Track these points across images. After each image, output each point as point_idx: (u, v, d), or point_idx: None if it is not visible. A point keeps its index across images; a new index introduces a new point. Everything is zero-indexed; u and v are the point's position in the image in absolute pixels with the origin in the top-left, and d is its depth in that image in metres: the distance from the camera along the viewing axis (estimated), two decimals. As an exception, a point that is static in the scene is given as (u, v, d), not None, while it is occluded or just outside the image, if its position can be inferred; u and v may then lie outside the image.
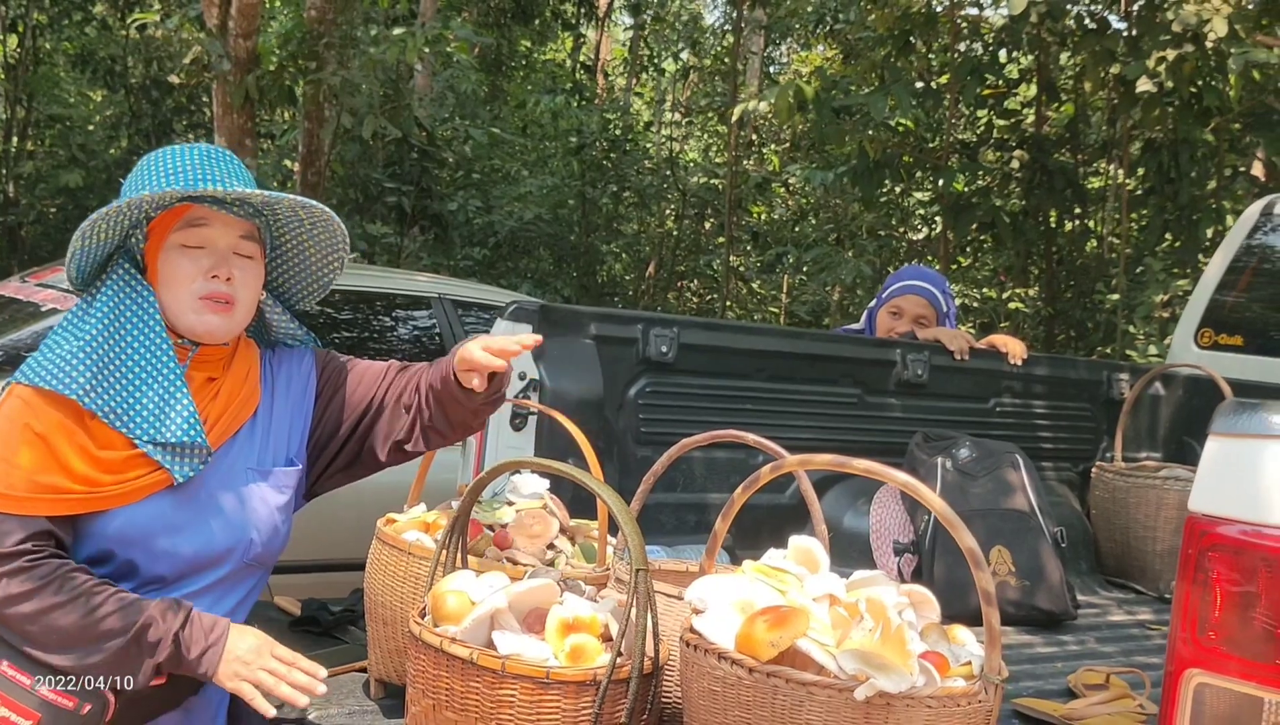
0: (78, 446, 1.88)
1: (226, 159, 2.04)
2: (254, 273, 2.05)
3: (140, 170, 2.01)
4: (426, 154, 10.70)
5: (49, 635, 1.85)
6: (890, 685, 1.48)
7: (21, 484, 1.85)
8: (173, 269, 1.99)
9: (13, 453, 1.86)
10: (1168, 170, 7.67)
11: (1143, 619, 3.37)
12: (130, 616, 1.86)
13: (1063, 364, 4.11)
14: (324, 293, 2.25)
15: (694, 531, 3.21)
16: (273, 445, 2.14)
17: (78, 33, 13.36)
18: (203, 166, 1.99)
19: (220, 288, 1.99)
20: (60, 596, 1.83)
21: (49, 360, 1.91)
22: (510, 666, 1.61)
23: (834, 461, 1.65)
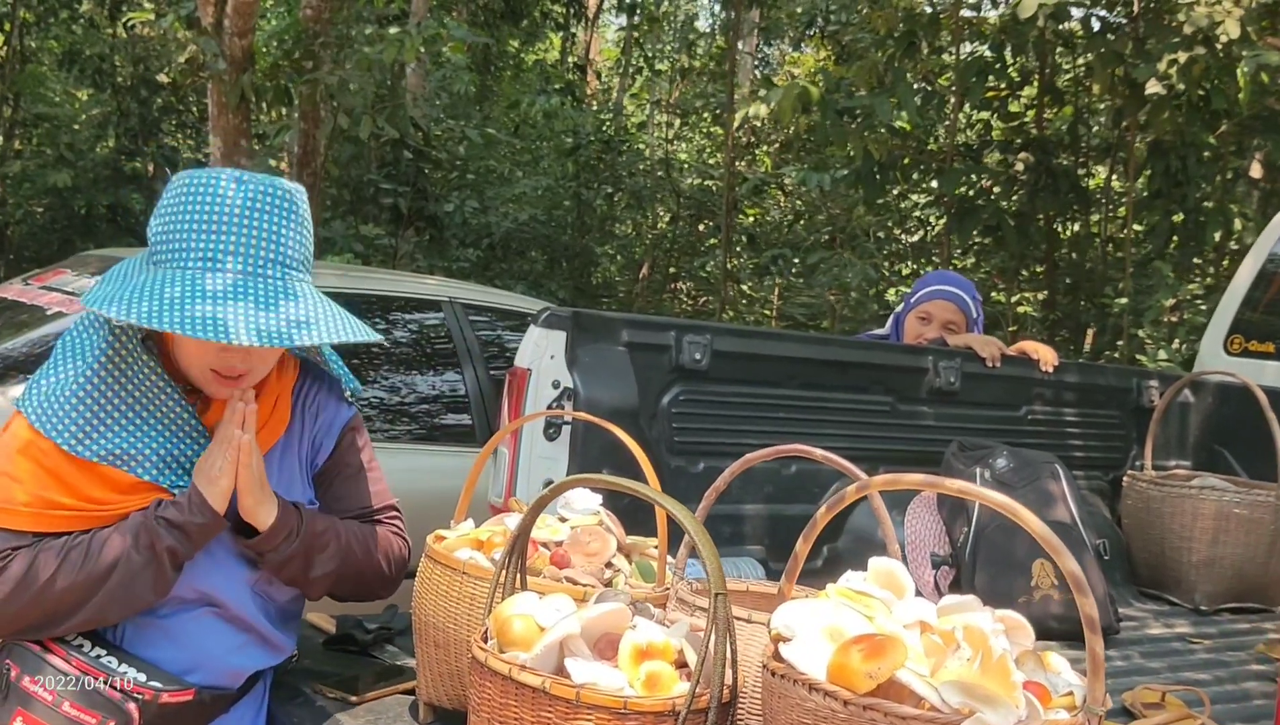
0: (83, 467, 1.85)
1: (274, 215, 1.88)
2: (274, 350, 1.96)
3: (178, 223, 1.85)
4: (421, 155, 10.61)
5: (60, 604, 1.84)
6: (997, 719, 1.40)
7: (20, 500, 1.83)
8: (187, 344, 1.90)
9: (15, 468, 1.85)
10: (1175, 173, 7.63)
11: (1182, 632, 3.31)
12: (118, 541, 1.85)
13: (1092, 371, 4.05)
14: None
15: (729, 543, 3.15)
16: (288, 478, 2.07)
17: (64, 31, 13.23)
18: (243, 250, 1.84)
19: (234, 364, 1.91)
20: (51, 565, 1.82)
21: (46, 394, 1.87)
22: (585, 696, 1.53)
23: (925, 481, 1.56)
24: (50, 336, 4.01)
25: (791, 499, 3.21)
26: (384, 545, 2.13)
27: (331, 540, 2.01)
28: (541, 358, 2.82)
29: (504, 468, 2.86)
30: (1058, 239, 9.67)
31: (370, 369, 4.62)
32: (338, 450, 2.16)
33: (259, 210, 1.85)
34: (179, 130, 13.81)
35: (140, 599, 1.87)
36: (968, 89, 8.45)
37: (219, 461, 1.88)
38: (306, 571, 1.99)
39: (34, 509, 1.83)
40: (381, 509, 2.20)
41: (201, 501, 1.86)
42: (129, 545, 1.84)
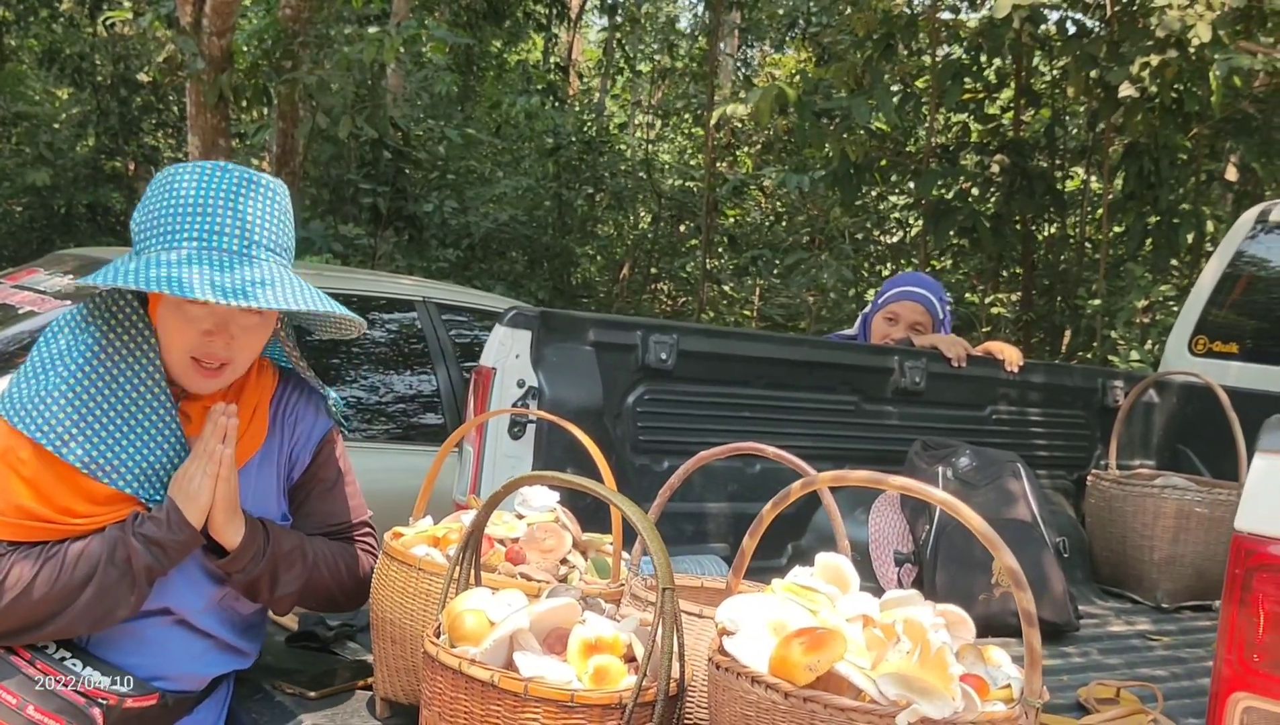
0: (61, 477, 1.84)
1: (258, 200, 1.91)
2: (260, 330, 1.96)
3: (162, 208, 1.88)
4: (401, 154, 10.62)
5: (33, 614, 1.84)
6: (934, 711, 1.43)
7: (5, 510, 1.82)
8: (170, 325, 1.91)
9: None
10: (1148, 175, 7.69)
11: (1142, 629, 3.34)
12: (94, 554, 1.85)
13: (1057, 371, 4.09)
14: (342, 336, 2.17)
15: (691, 541, 3.17)
16: (265, 491, 2.07)
17: (44, 30, 13.20)
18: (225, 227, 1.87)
19: (216, 351, 1.91)
20: (26, 575, 1.82)
21: (32, 399, 1.85)
22: (533, 689, 1.55)
23: (870, 478, 1.59)
24: (24, 334, 4.01)
25: (756, 497, 3.23)
26: (352, 564, 2.13)
27: (298, 559, 2.02)
28: (507, 357, 2.84)
29: (469, 466, 2.88)
30: (1034, 241, 9.72)
31: (346, 368, 4.63)
32: (314, 464, 2.16)
33: (218, 194, 1.87)
34: (159, 129, 13.78)
35: (113, 613, 1.87)
36: (944, 91, 8.50)
37: (198, 477, 1.87)
38: (272, 589, 2.00)
39: (8, 518, 1.82)
40: (355, 525, 2.20)
41: (180, 519, 1.86)
42: (105, 559, 1.84)
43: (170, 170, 1.92)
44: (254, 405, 2.04)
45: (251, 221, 1.89)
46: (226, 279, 1.81)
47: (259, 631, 2.15)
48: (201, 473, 1.87)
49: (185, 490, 1.87)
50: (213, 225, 1.85)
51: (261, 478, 2.06)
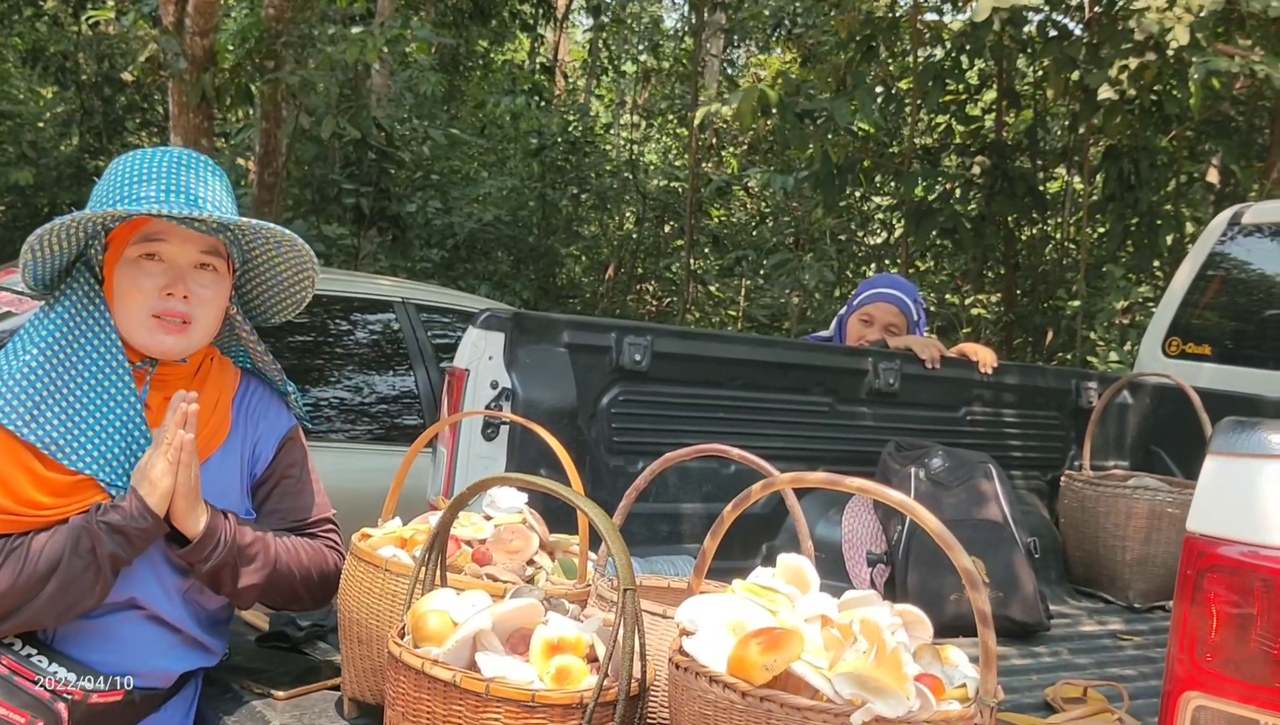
0: (23, 467, 1.84)
1: (199, 168, 1.97)
2: (216, 289, 1.99)
3: (106, 177, 1.95)
4: (385, 155, 10.61)
5: (16, 599, 1.84)
6: (887, 710, 1.45)
7: None
8: (128, 283, 1.93)
9: None
10: (1128, 177, 7.73)
11: (1114, 629, 3.37)
12: (58, 544, 1.86)
13: (1032, 372, 4.11)
14: (298, 309, 2.20)
15: (666, 542, 3.18)
16: (226, 486, 2.09)
17: (28, 28, 13.15)
18: (168, 178, 1.92)
19: (175, 306, 1.94)
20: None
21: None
22: (495, 689, 1.57)
23: (827, 479, 1.61)
24: (3, 333, 4.01)
25: (730, 498, 3.23)
26: (316, 559, 2.14)
27: (259, 552, 2.03)
28: (480, 358, 2.85)
29: (442, 467, 2.89)
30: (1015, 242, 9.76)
31: (325, 369, 4.64)
32: (276, 460, 2.18)
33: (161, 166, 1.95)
34: (143, 129, 13.75)
35: (79, 604, 1.87)
36: (926, 93, 8.52)
37: (159, 463, 1.89)
38: (234, 581, 2.00)
39: None
40: (318, 521, 2.22)
41: (143, 507, 1.88)
42: (69, 549, 1.85)
43: (118, 159, 1.99)
44: (215, 400, 2.06)
45: (195, 187, 1.95)
46: (174, 201, 1.90)
47: (225, 628, 2.17)
48: (163, 459, 1.89)
49: (147, 477, 1.89)
50: (160, 188, 1.92)
51: (224, 473, 2.08)
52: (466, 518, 2.15)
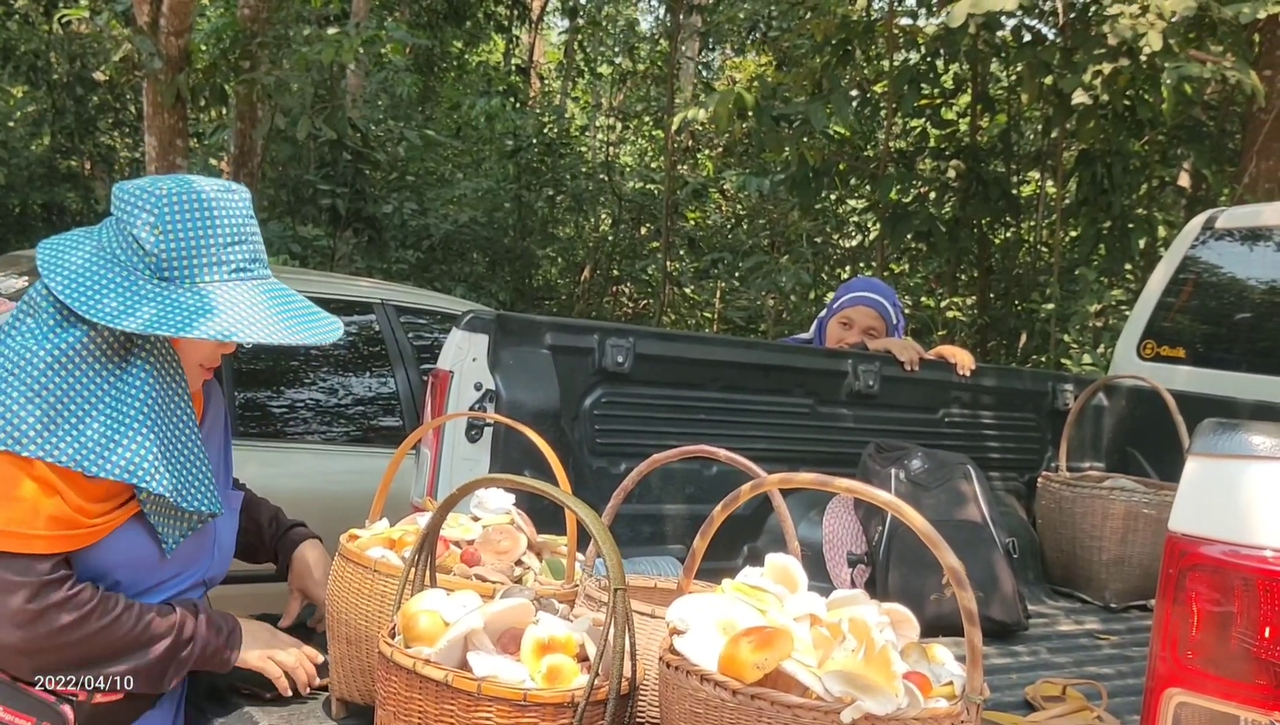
0: (72, 482, 1.83)
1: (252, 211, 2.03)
2: None
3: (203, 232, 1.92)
4: (360, 155, 10.59)
5: (103, 652, 1.88)
6: (876, 707, 1.47)
7: (38, 523, 1.81)
8: (194, 346, 1.99)
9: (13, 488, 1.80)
10: (1101, 181, 7.79)
11: (1091, 628, 3.40)
12: (167, 620, 1.94)
13: (1009, 375, 4.15)
14: None
15: (649, 542, 3.20)
16: (221, 466, 2.14)
17: (-1, 27, 13.08)
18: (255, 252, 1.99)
19: (218, 360, 2.07)
20: (107, 617, 1.86)
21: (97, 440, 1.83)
22: (486, 689, 1.58)
23: (816, 480, 1.63)
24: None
25: (712, 499, 3.22)
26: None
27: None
28: (464, 360, 2.86)
29: (426, 468, 2.90)
30: (989, 245, 9.82)
31: (305, 371, 4.64)
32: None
33: (244, 216, 1.99)
34: (115, 129, 13.68)
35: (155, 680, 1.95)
36: (901, 97, 8.57)
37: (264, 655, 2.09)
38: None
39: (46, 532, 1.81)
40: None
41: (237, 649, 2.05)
42: (174, 632, 1.94)
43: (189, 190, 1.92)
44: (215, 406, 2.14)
45: (258, 239, 2.02)
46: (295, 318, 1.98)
47: None
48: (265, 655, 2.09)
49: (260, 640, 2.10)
50: (250, 253, 1.98)
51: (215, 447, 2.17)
52: (454, 519, 2.16)
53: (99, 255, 1.90)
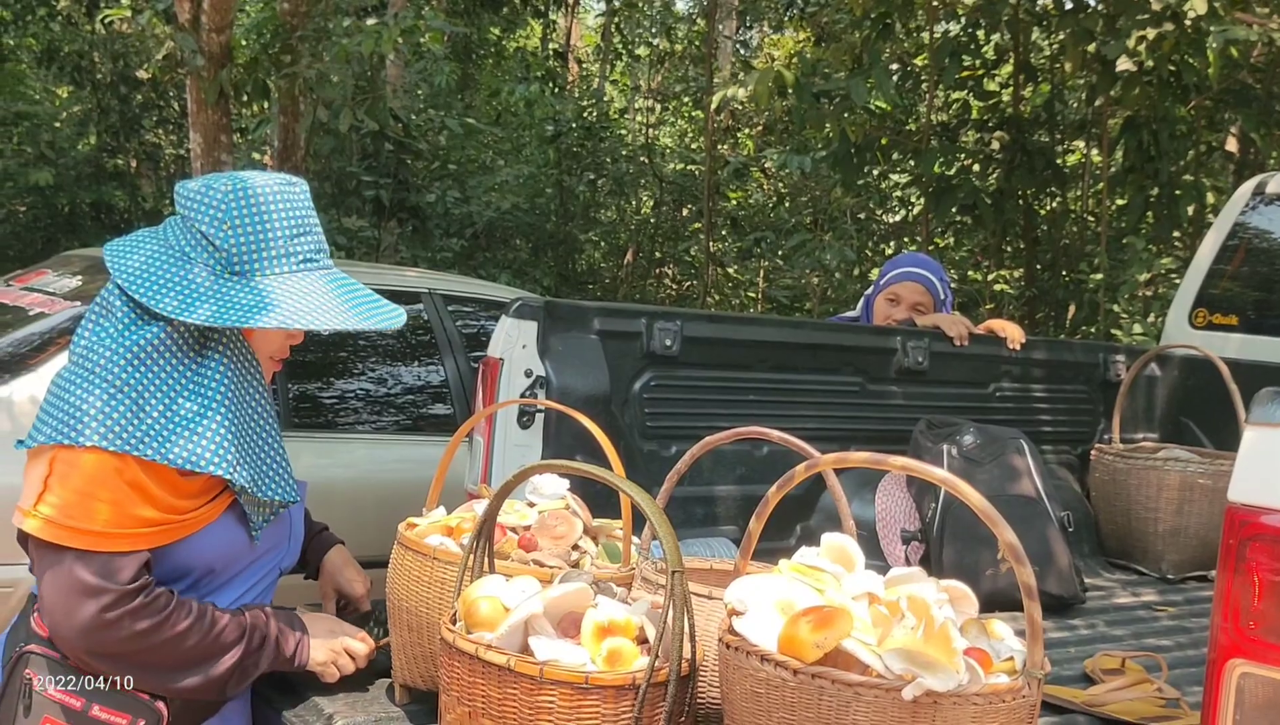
0: (160, 478, 1.87)
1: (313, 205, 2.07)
2: None
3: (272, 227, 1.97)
4: (402, 146, 10.63)
5: (174, 661, 1.90)
6: (938, 684, 1.47)
7: (121, 522, 1.83)
8: (264, 335, 2.04)
9: (104, 489, 1.83)
10: (1147, 148, 7.69)
11: (1148, 600, 3.38)
12: (239, 627, 1.96)
13: (1060, 347, 4.12)
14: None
15: (702, 524, 3.21)
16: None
17: (42, 29, 13.20)
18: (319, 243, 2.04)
19: (289, 351, 2.12)
20: (182, 624, 1.88)
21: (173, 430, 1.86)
22: (548, 672, 1.60)
23: (870, 459, 1.63)
24: (34, 336, 4.05)
25: (764, 479, 3.27)
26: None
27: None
28: (514, 347, 2.88)
29: (479, 455, 2.92)
30: (1035, 216, 9.72)
31: (355, 361, 4.68)
32: None
33: (305, 209, 2.03)
34: (159, 126, 13.79)
35: (218, 689, 1.97)
36: (942, 70, 8.50)
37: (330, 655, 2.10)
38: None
39: (131, 530, 1.84)
40: None
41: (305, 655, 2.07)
42: (243, 641, 1.96)
43: (249, 186, 1.96)
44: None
45: (319, 230, 2.07)
46: (358, 306, 2.02)
47: None
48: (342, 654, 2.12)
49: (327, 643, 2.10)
50: (314, 245, 2.02)
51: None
52: (510, 505, 2.18)
53: (165, 252, 1.94)
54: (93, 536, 1.81)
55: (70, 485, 1.81)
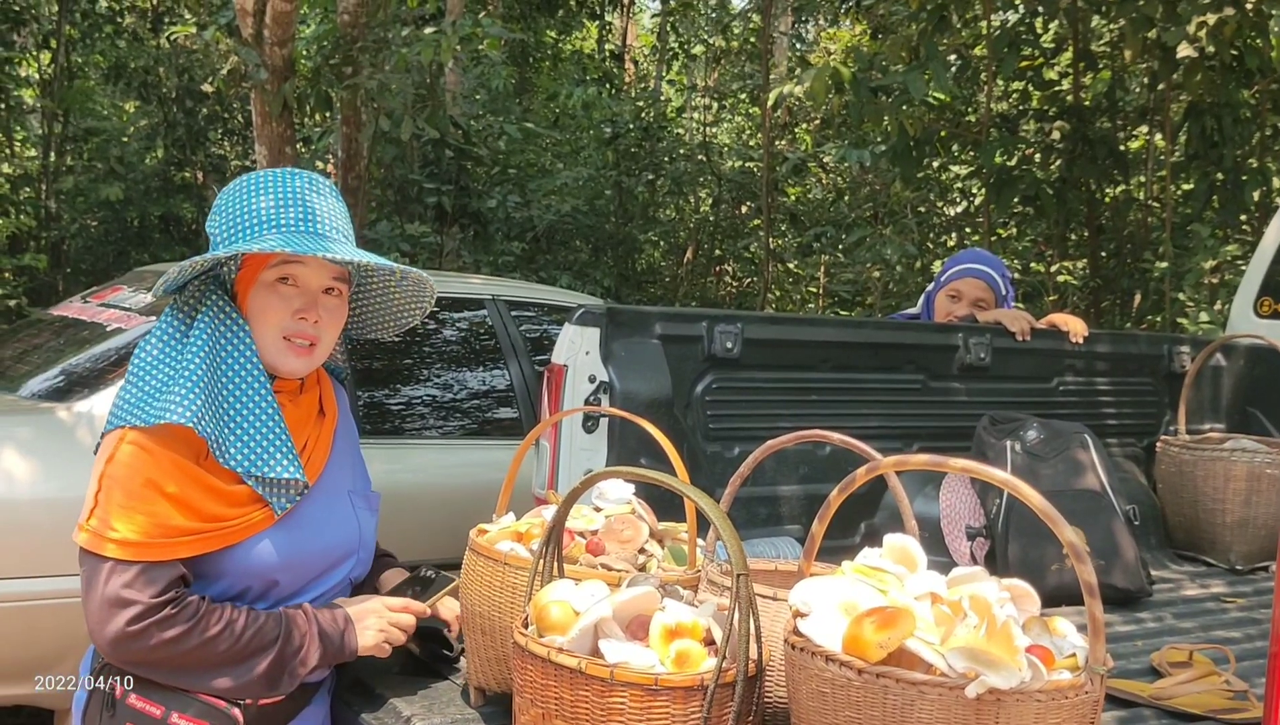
0: (202, 485, 1.92)
1: (327, 196, 2.07)
2: (340, 313, 2.10)
3: (241, 203, 2.02)
4: (463, 152, 10.73)
5: (206, 665, 1.93)
6: (1001, 681, 1.50)
7: (156, 532, 1.88)
8: (263, 305, 2.03)
9: (140, 502, 1.89)
10: (1211, 134, 7.60)
11: (1216, 592, 3.37)
12: (274, 629, 1.98)
13: (1123, 339, 4.11)
14: (401, 330, 2.31)
15: (765, 524, 3.24)
16: (353, 468, 2.22)
17: (109, 46, 13.46)
18: (305, 212, 2.02)
19: (306, 329, 2.05)
20: (212, 630, 1.91)
21: (152, 394, 1.93)
22: (619, 674, 1.64)
23: (930, 461, 1.66)
24: (112, 352, 4.16)
25: (826, 479, 3.30)
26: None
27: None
28: (577, 354, 2.93)
29: (545, 461, 2.97)
30: (1098, 205, 9.63)
31: (420, 368, 4.75)
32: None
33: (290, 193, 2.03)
34: (225, 138, 14.01)
35: (258, 690, 2.00)
36: (1000, 60, 8.44)
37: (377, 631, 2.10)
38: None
39: (159, 539, 1.89)
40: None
41: (354, 644, 2.07)
42: (277, 644, 1.98)
43: (241, 179, 2.06)
44: (317, 394, 2.20)
45: (322, 213, 2.04)
46: (309, 244, 1.97)
47: None
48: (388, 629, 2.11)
49: (370, 624, 2.09)
50: (291, 217, 2.01)
51: (351, 449, 2.25)
52: (578, 510, 2.22)
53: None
54: (130, 547, 1.86)
55: (112, 497, 1.89)
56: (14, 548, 3.49)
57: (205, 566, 1.97)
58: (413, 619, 2.15)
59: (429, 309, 2.27)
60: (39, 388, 4.00)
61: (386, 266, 2.09)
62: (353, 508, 2.18)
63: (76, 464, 3.50)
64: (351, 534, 2.15)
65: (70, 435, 3.73)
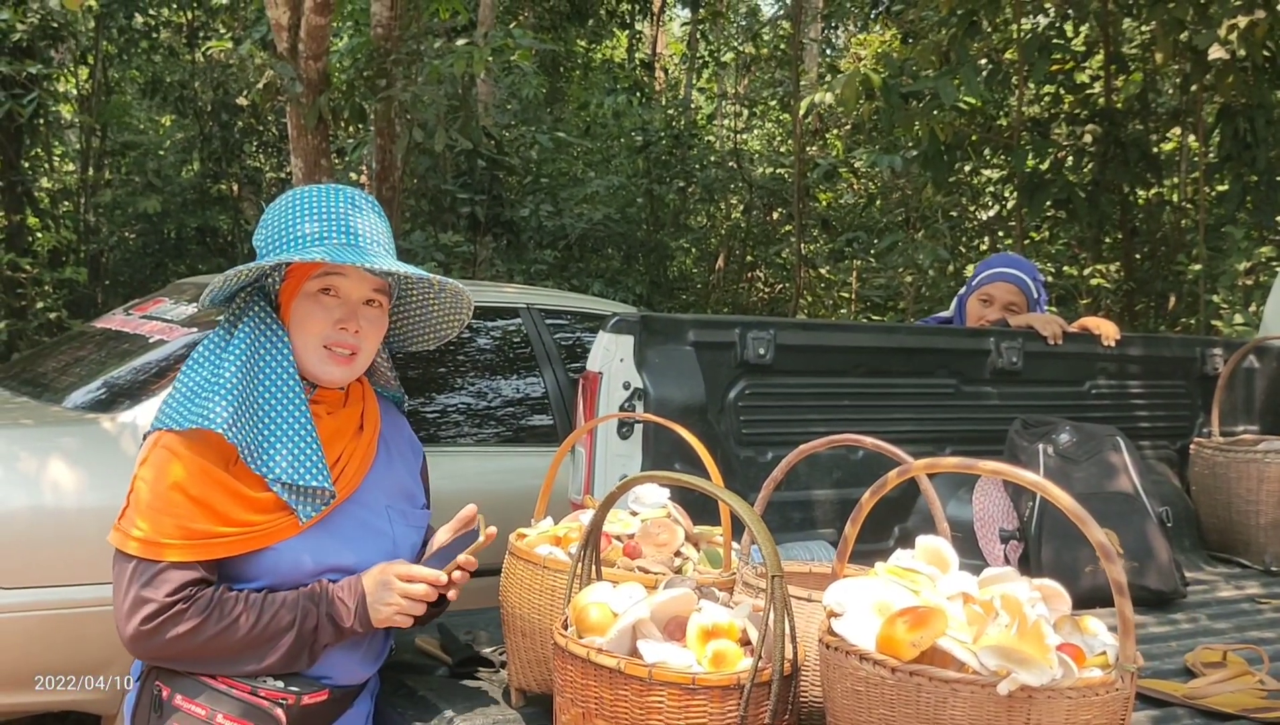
0: (228, 490, 1.97)
1: (368, 213, 2.12)
2: (380, 324, 2.15)
3: (286, 219, 2.08)
4: (495, 162, 10.81)
5: (224, 654, 1.98)
6: (1032, 679, 1.53)
7: (177, 534, 1.94)
8: (305, 314, 2.09)
9: (165, 503, 1.95)
10: (1244, 135, 7.58)
11: (1251, 593, 3.38)
12: (290, 612, 2.01)
13: (1155, 342, 4.11)
14: (440, 343, 2.35)
15: (799, 528, 3.27)
16: (399, 484, 2.25)
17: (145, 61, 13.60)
18: (347, 228, 2.07)
19: (347, 339, 2.10)
20: (225, 620, 1.96)
21: (188, 399, 1.99)
22: (657, 674, 1.68)
23: (961, 464, 1.69)
24: (152, 363, 4.23)
25: (859, 483, 3.33)
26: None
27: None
28: (612, 361, 2.98)
29: (582, 466, 3.02)
30: (1131, 208, 9.60)
31: (456, 376, 4.81)
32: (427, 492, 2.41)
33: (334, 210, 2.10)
34: (260, 151, 14.14)
35: (281, 668, 2.04)
36: (1031, 64, 8.44)
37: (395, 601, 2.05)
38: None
39: (180, 542, 1.95)
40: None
41: (366, 620, 2.05)
42: (294, 627, 2.01)
43: (288, 196, 2.12)
44: (360, 408, 2.23)
45: (364, 230, 2.10)
46: (350, 255, 2.03)
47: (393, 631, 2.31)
48: (399, 602, 2.05)
49: (382, 599, 2.05)
50: (333, 231, 2.07)
51: (397, 465, 2.28)
52: (614, 514, 2.27)
53: None
54: (151, 546, 1.93)
55: (140, 498, 1.96)
56: (60, 556, 3.56)
57: (238, 569, 2.02)
58: (425, 588, 2.08)
59: (467, 321, 2.32)
60: (83, 399, 4.07)
61: (424, 277, 2.14)
62: (389, 522, 2.20)
63: (121, 474, 3.56)
64: (385, 547, 2.17)
65: (115, 445, 3.80)
